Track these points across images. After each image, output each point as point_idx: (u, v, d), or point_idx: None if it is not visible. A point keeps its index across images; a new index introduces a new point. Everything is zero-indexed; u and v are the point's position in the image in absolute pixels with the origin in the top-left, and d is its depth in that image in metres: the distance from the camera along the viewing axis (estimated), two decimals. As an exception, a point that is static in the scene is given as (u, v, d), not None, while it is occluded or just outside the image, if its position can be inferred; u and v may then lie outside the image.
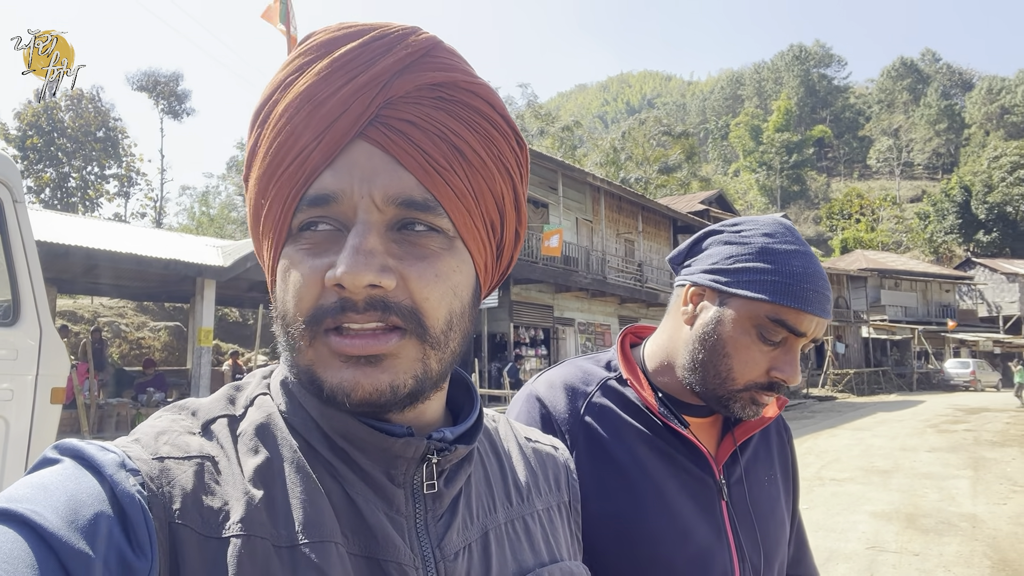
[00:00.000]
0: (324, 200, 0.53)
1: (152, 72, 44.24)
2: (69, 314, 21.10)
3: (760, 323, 0.97)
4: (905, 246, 66.66)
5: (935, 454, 12.61)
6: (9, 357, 3.89)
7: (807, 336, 0.98)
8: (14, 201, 3.97)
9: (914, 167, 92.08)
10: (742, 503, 1.06)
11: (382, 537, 0.54)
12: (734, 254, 1.01)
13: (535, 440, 0.79)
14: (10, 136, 35.02)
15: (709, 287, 1.02)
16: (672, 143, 50.79)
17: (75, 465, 0.48)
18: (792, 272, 0.97)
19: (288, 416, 0.58)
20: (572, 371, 1.11)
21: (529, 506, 0.69)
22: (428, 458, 0.58)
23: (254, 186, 0.57)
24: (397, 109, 0.54)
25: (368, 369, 0.52)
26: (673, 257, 1.14)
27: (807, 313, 0.96)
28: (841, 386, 32.51)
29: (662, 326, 1.14)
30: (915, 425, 18.02)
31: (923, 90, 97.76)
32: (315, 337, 0.52)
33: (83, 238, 11.17)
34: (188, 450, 0.52)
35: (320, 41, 0.56)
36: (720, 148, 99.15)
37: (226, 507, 0.50)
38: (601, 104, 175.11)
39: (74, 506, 0.44)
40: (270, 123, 0.56)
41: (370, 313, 0.51)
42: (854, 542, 6.60)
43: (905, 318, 43.05)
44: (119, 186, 40.51)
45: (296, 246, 0.54)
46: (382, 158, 0.53)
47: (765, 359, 0.98)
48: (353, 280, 0.50)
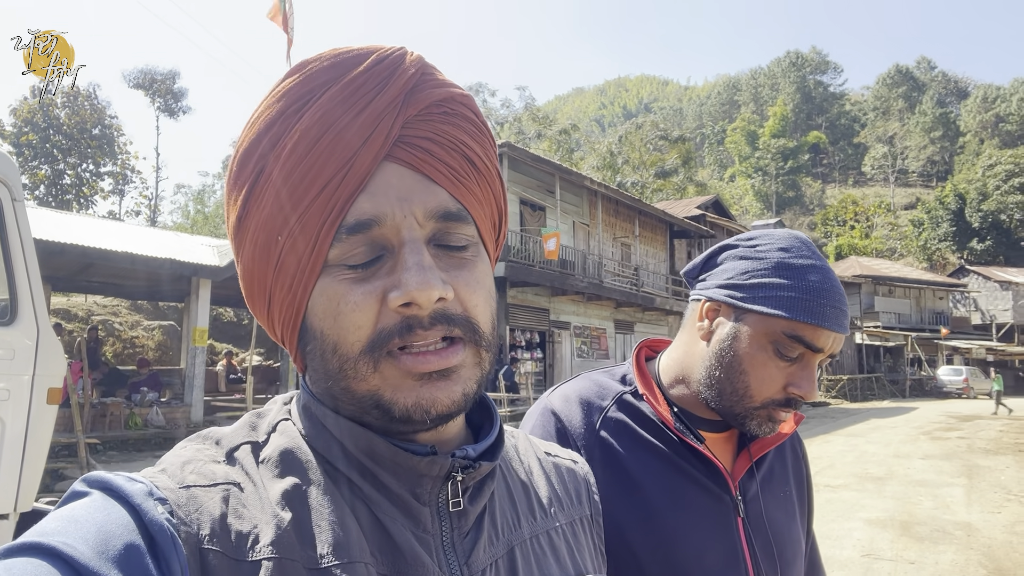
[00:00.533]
0: (366, 225, 0.53)
1: (148, 70, 44.12)
2: (63, 312, 21.00)
3: (777, 339, 0.96)
4: (899, 253, 66.92)
5: (929, 461, 12.64)
6: (6, 357, 3.86)
7: (824, 352, 0.97)
8: (12, 200, 3.94)
9: (908, 174, 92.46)
10: (758, 520, 1.05)
11: (411, 556, 0.54)
12: (749, 269, 1.01)
13: (555, 455, 0.79)
14: (5, 132, 34.86)
15: (725, 302, 1.02)
16: (669, 148, 50.88)
17: (103, 496, 0.49)
18: (809, 287, 0.96)
19: (311, 440, 0.58)
20: (587, 385, 1.10)
21: (552, 521, 0.70)
22: (453, 476, 0.58)
23: (263, 226, 0.56)
24: (414, 128, 0.55)
25: (442, 383, 0.53)
26: (688, 271, 1.13)
27: (824, 329, 0.95)
28: (835, 392, 32.58)
29: (677, 340, 1.13)
30: (908, 432, 18.07)
31: (918, 98, 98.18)
32: (379, 361, 0.53)
33: (78, 236, 11.12)
34: (214, 478, 0.53)
35: (322, 68, 0.56)
36: (716, 153, 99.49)
37: (255, 530, 0.51)
38: (598, 108, 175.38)
39: (104, 537, 0.45)
40: (279, 155, 0.54)
41: (437, 327, 0.53)
42: (849, 549, 6.61)
43: (899, 325, 43.21)
44: (114, 184, 40.36)
45: (335, 277, 0.54)
46: (413, 176, 0.55)
47: (782, 375, 0.97)
48: (427, 296, 0.51)
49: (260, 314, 0.61)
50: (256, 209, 0.56)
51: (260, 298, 0.59)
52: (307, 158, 0.53)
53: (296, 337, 0.58)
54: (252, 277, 0.59)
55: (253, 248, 0.57)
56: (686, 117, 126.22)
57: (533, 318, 20.12)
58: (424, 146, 0.55)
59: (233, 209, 0.58)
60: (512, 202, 19.73)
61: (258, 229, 0.56)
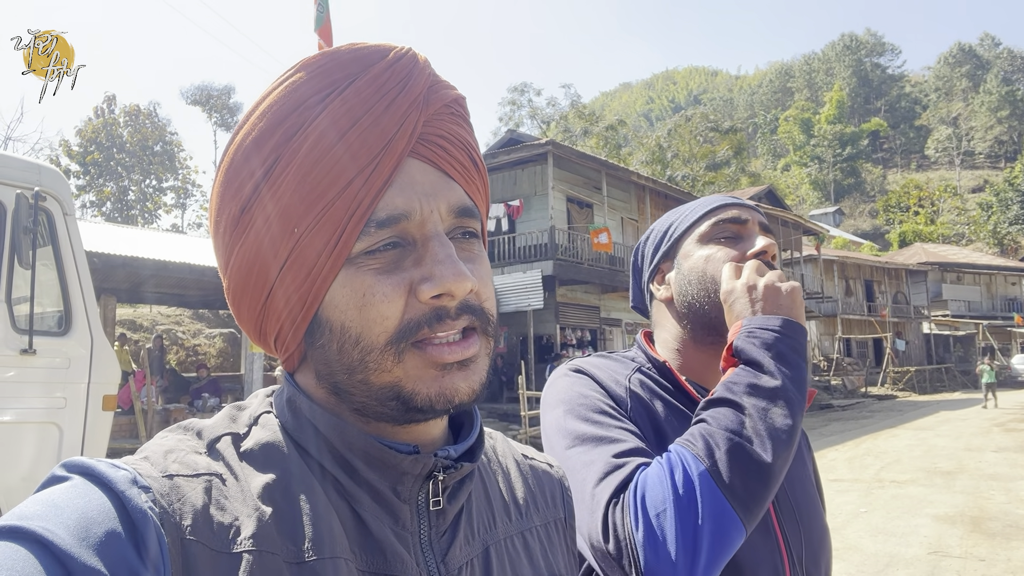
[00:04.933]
0: (396, 219, 0.54)
1: (205, 86, 45.69)
2: (129, 323, 21.84)
3: (707, 236, 1.10)
4: (967, 238, 64.33)
5: (1002, 454, 12.12)
6: (62, 366, 4.02)
7: (750, 220, 1.09)
8: (64, 214, 4.09)
9: (975, 156, 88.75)
10: (783, 496, 1.04)
11: (390, 553, 0.55)
12: (656, 233, 1.18)
13: (531, 457, 0.79)
14: (72, 152, 36.49)
15: (661, 261, 1.15)
16: (720, 139, 50.00)
17: (85, 482, 0.48)
18: (697, 201, 1.16)
19: (294, 434, 0.58)
20: (601, 360, 1.13)
21: (528, 522, 0.70)
22: (434, 475, 0.58)
23: (278, 215, 0.55)
24: (431, 126, 0.58)
25: (462, 373, 0.55)
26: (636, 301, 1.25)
27: (732, 206, 1.11)
28: (902, 384, 31.50)
29: (657, 335, 1.19)
30: (980, 424, 17.34)
31: (983, 76, 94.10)
32: (403, 352, 0.54)
33: (140, 249, 11.54)
34: (196, 468, 0.52)
35: (344, 60, 0.56)
36: (769, 143, 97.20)
37: (236, 523, 0.50)
38: (646, 102, 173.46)
39: (85, 523, 0.44)
40: (300, 144, 0.54)
41: (463, 318, 0.55)
42: (915, 547, 6.37)
43: (968, 313, 41.53)
44: (176, 197, 41.86)
45: (359, 268, 0.54)
46: (435, 173, 0.57)
47: (732, 252, 1.07)
48: (463, 287, 0.53)
49: (248, 311, 0.59)
50: (270, 201, 0.55)
51: (255, 293, 0.58)
52: (333, 151, 0.54)
53: (301, 332, 0.57)
54: (250, 271, 0.57)
55: (258, 241, 0.56)
56: (737, 107, 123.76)
57: (583, 316, 20.01)
58: (441, 144, 0.58)
59: (233, 201, 0.57)
60: (559, 200, 19.67)
61: (270, 221, 0.55)
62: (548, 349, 18.70)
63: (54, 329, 4.11)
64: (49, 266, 4.09)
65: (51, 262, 4.08)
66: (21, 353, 3.81)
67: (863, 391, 29.72)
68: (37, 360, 3.87)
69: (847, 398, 27.43)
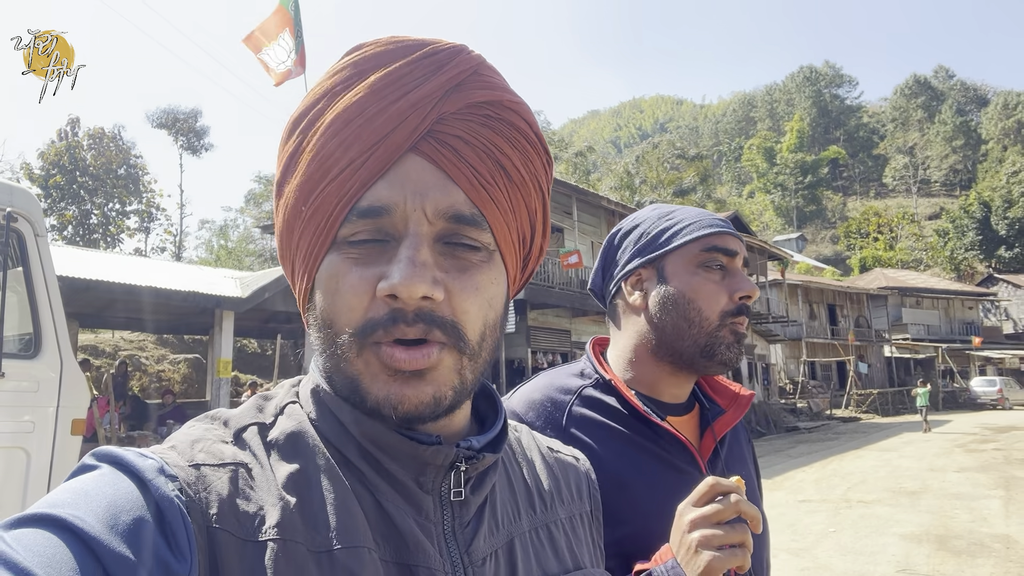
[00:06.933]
0: (377, 212, 0.54)
1: (171, 110, 45.16)
2: (91, 348, 21.32)
3: (699, 260, 1.08)
4: (925, 264, 65.94)
5: (965, 474, 12.36)
6: (31, 389, 3.93)
7: (739, 254, 1.09)
8: (35, 235, 4.03)
9: (931, 184, 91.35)
10: None
11: (412, 543, 0.55)
12: (643, 232, 1.13)
13: (557, 450, 0.80)
14: (34, 175, 35.73)
15: (642, 265, 1.12)
16: (686, 166, 50.84)
17: (113, 471, 0.49)
18: (692, 214, 1.12)
19: (318, 424, 0.58)
20: (547, 384, 1.12)
21: (552, 514, 0.70)
22: (456, 466, 0.58)
23: (293, 194, 0.57)
24: (448, 125, 0.56)
25: (414, 382, 0.53)
26: (595, 286, 1.22)
27: (725, 233, 1.09)
28: (865, 407, 32.02)
29: (614, 338, 1.18)
30: (943, 445, 17.67)
31: (937, 107, 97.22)
32: (363, 348, 0.53)
33: (104, 273, 11.32)
34: (223, 457, 0.53)
35: (372, 53, 0.57)
36: (734, 170, 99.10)
37: (261, 512, 0.51)
38: (614, 129, 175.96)
39: (114, 511, 0.45)
40: (316, 130, 0.56)
41: (418, 326, 0.53)
42: (884, 565, 6.46)
43: (928, 336, 42.45)
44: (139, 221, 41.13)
45: (340, 255, 0.55)
46: (433, 172, 0.55)
47: (721, 288, 1.07)
48: (409, 291, 0.51)
49: (288, 275, 0.63)
50: (292, 177, 0.58)
51: (287, 260, 0.61)
52: (336, 137, 0.55)
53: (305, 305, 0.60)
54: (282, 239, 0.61)
55: (285, 212, 0.59)
56: (702, 135, 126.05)
57: (555, 340, 20.05)
58: (453, 144, 0.56)
59: (278, 171, 0.60)
60: (530, 225, 19.72)
61: (290, 196, 0.58)
62: (520, 373, 18.66)
63: (23, 352, 4.02)
64: (18, 288, 4.02)
65: (21, 284, 4.01)
66: (-11, 376, 3.72)
67: (828, 413, 30.12)
68: (5, 383, 3.78)
69: (813, 420, 27.76)
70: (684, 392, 1.15)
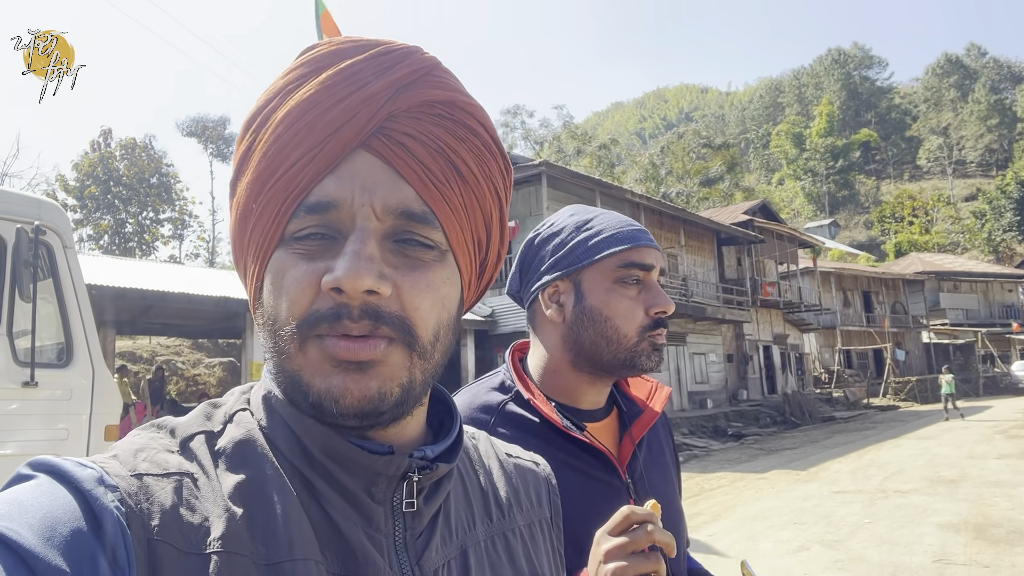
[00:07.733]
0: (324, 207, 0.53)
1: (200, 118, 46.00)
2: (128, 354, 21.83)
3: (615, 276, 1.07)
4: (962, 247, 64.51)
5: (1005, 461, 12.10)
6: (64, 397, 4.05)
7: (655, 267, 1.09)
8: (64, 247, 4.15)
9: (967, 165, 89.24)
10: (640, 480, 1.10)
11: (362, 555, 0.54)
12: (558, 242, 1.12)
13: (516, 456, 0.78)
14: (69, 187, 36.63)
15: (559, 278, 1.11)
16: (712, 155, 50.33)
17: (50, 481, 0.47)
18: (609, 224, 1.10)
19: (268, 432, 0.57)
20: (468, 402, 1.11)
21: (510, 522, 0.69)
22: (409, 476, 0.57)
23: (244, 191, 0.57)
24: (399, 122, 0.55)
25: (357, 375, 0.52)
26: (512, 289, 1.21)
27: (642, 247, 1.09)
28: (903, 394, 31.44)
29: (534, 345, 1.18)
30: (983, 432, 17.31)
31: (971, 86, 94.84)
32: (305, 341, 0.52)
33: (138, 280, 11.58)
34: (167, 467, 0.51)
35: (325, 52, 0.57)
36: (762, 157, 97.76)
37: (206, 523, 0.49)
38: (638, 121, 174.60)
39: (51, 523, 0.43)
40: (268, 128, 0.56)
41: (364, 322, 0.51)
42: (920, 555, 6.35)
43: (967, 321, 41.56)
44: (173, 229, 41.97)
45: (288, 251, 0.54)
46: (383, 169, 0.54)
47: (637, 303, 1.07)
48: (353, 284, 0.50)
49: (241, 276, 0.62)
50: (244, 175, 0.57)
51: (240, 260, 0.61)
52: (285, 134, 0.54)
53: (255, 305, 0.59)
54: (235, 239, 0.60)
55: (237, 210, 0.58)
56: (729, 123, 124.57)
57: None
58: (403, 141, 0.55)
59: (232, 171, 0.60)
60: (555, 220, 19.71)
61: (242, 194, 0.57)
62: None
63: (55, 361, 4.14)
64: (50, 299, 4.14)
65: (52, 295, 4.13)
66: (23, 386, 3.84)
67: (865, 402, 29.65)
68: (39, 392, 3.90)
69: (849, 409, 27.36)
70: (602, 398, 1.16)
